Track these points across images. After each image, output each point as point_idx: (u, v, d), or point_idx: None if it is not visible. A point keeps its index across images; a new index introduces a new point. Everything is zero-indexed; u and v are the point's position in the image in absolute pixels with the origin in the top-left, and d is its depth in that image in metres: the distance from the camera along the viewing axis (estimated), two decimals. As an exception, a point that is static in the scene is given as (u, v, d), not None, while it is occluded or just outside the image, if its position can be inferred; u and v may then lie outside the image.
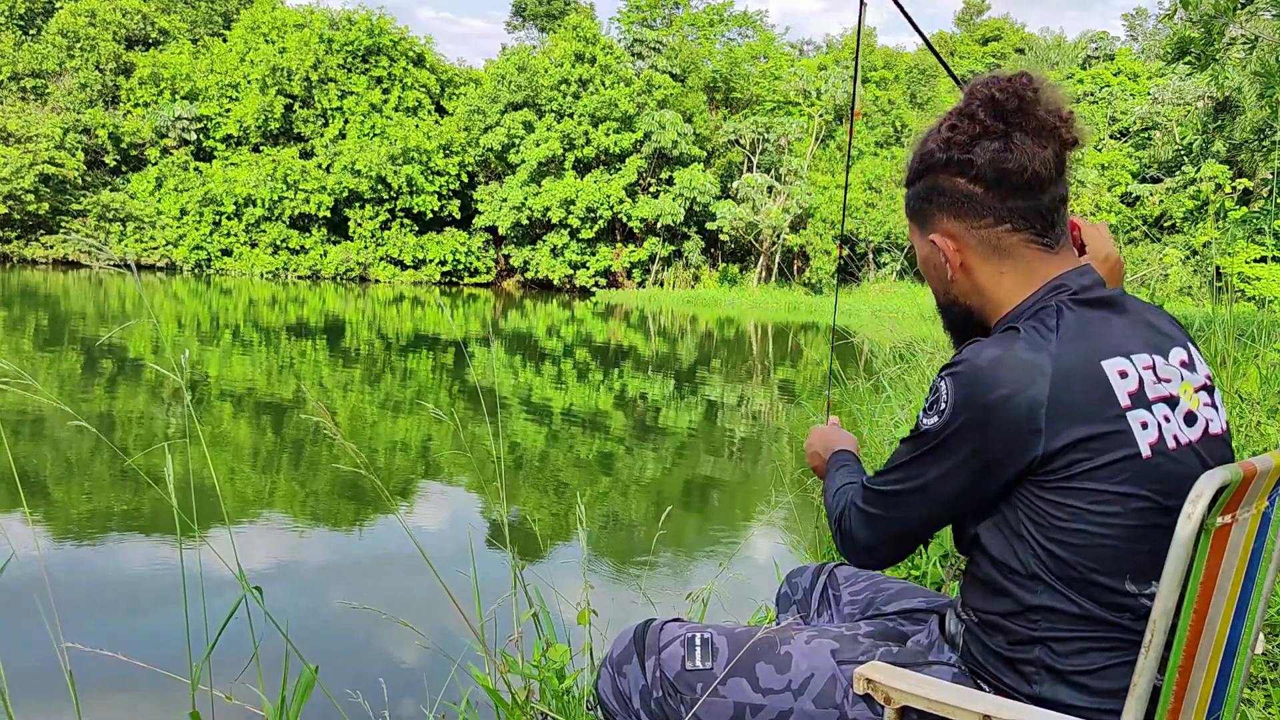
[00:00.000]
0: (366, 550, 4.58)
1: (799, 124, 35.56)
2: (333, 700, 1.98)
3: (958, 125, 1.22)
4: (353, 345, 14.31)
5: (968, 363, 1.14)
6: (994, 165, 1.19)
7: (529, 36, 50.88)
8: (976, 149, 1.20)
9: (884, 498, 1.25)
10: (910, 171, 1.31)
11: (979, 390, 1.12)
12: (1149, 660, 1.05)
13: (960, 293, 1.28)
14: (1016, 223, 1.22)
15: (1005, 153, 1.19)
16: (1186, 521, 1.02)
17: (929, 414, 1.18)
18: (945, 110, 1.30)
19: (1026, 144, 1.18)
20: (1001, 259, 1.23)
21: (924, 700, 1.15)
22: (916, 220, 1.31)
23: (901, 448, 1.24)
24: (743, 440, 8.14)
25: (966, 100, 1.23)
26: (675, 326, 22.81)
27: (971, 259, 1.25)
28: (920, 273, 1.37)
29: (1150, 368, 1.16)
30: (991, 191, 1.21)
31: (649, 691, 1.33)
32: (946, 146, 1.23)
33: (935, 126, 1.27)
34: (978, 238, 1.24)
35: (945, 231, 1.26)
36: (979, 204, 1.22)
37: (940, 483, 1.18)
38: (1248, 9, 10.24)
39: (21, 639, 3.21)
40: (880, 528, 1.26)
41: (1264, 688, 2.39)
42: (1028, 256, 1.23)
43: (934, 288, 1.33)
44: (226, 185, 33.91)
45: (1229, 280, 10.68)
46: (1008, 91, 1.19)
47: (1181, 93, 29.15)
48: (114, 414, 7.35)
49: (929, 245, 1.29)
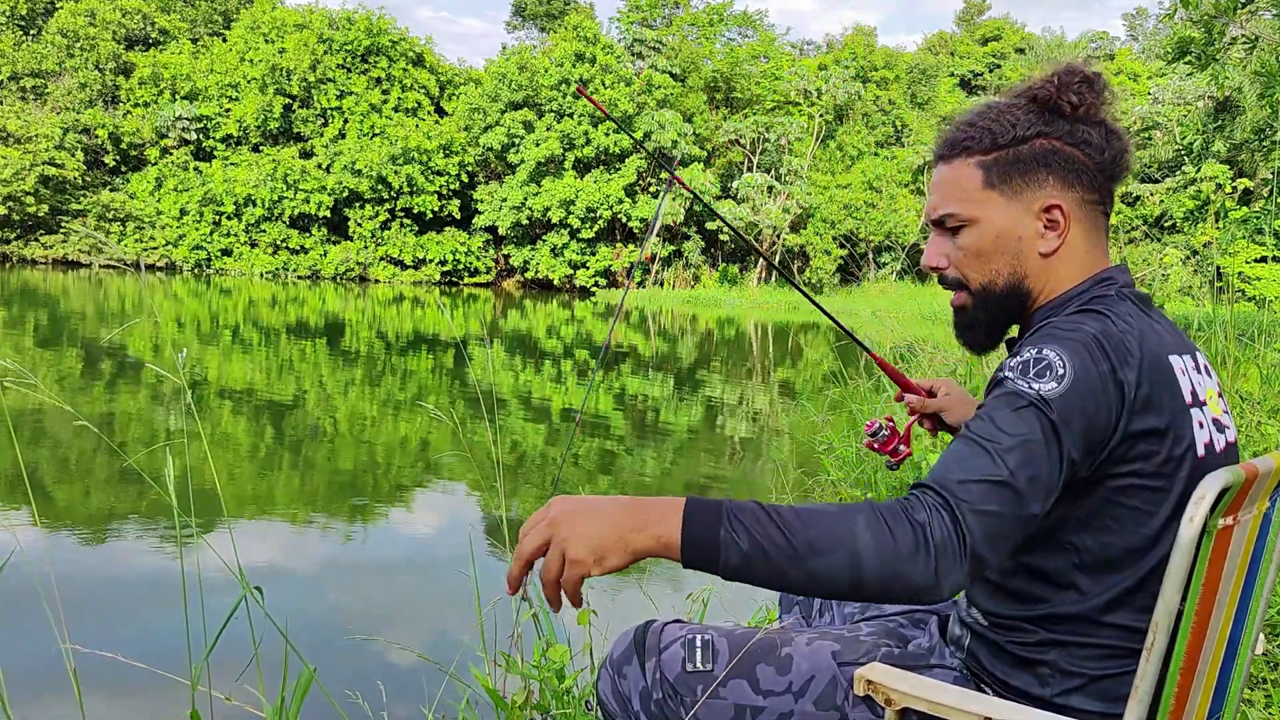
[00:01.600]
0: (366, 550, 4.58)
1: (799, 124, 35.56)
2: (332, 700, 1.98)
3: (1078, 99, 1.17)
4: (353, 345, 14.31)
5: (1078, 331, 1.07)
6: (1108, 140, 1.19)
7: (529, 36, 50.91)
8: (1098, 125, 1.19)
9: (1005, 487, 0.97)
10: (1005, 133, 1.19)
11: (1094, 359, 1.05)
12: (1151, 661, 1.05)
13: (1037, 271, 1.20)
14: (1108, 205, 1.22)
15: (1112, 135, 1.19)
16: (1189, 524, 1.01)
17: (1038, 380, 1.03)
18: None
19: (1121, 130, 1.20)
20: (1090, 237, 1.21)
21: (925, 702, 1.14)
22: (1009, 186, 1.19)
23: (1006, 420, 1.01)
24: (743, 440, 8.13)
25: (1063, 82, 1.18)
26: (675, 326, 22.81)
27: (1076, 233, 1.19)
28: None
29: (1185, 371, 1.14)
30: (1100, 170, 1.19)
31: (649, 693, 1.33)
32: (1073, 113, 1.18)
33: (1029, 95, 1.20)
34: (1083, 212, 1.20)
35: (1058, 200, 1.18)
36: (1092, 177, 1.19)
37: (1057, 460, 1.01)
38: (1248, 9, 10.24)
39: (20, 639, 3.21)
40: (1002, 525, 0.97)
41: (1264, 688, 2.39)
42: (1100, 243, 1.22)
43: (996, 269, 1.21)
44: (226, 185, 33.91)
45: (1229, 280, 10.68)
46: (1100, 80, 1.19)
47: (1181, 93, 29.14)
48: (114, 413, 7.35)
49: (1029, 213, 1.19)
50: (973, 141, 1.20)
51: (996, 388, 1.07)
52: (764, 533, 0.93)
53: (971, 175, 1.20)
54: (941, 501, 0.96)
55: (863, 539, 0.93)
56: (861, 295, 32.64)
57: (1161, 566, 1.07)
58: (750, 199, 33.95)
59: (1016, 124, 1.19)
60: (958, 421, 1.59)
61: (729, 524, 0.93)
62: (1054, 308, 1.20)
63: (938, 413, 1.61)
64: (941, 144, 1.25)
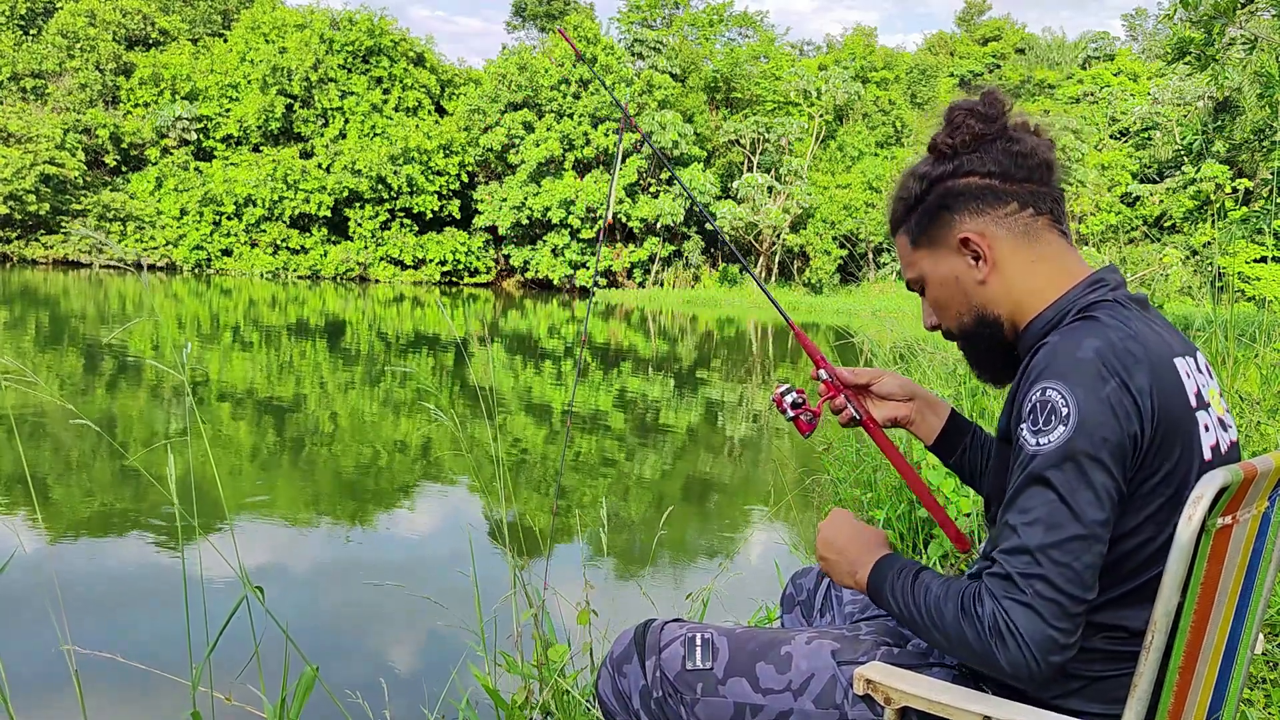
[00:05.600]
0: (366, 550, 4.58)
1: (799, 124, 35.56)
2: (334, 699, 1.98)
3: (953, 135, 1.22)
4: (353, 345, 14.31)
5: (1069, 359, 1.06)
6: (1006, 153, 1.20)
7: (529, 36, 50.90)
8: (981, 147, 1.21)
9: (1058, 562, 1.01)
10: (909, 198, 1.27)
11: (1096, 384, 1.03)
12: (1150, 660, 1.05)
13: (990, 300, 1.23)
14: (1039, 206, 1.21)
15: (1011, 143, 1.21)
16: (1187, 523, 1.02)
17: (1047, 430, 1.04)
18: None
19: (1023, 134, 1.21)
20: (1032, 245, 1.21)
21: (924, 701, 1.15)
22: (928, 239, 1.26)
23: (1031, 496, 1.05)
24: (743, 440, 8.14)
25: (950, 118, 1.23)
26: (675, 326, 22.81)
27: (1003, 250, 1.21)
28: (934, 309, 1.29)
29: (1189, 373, 1.14)
30: (1008, 180, 1.20)
31: (649, 691, 1.33)
32: (951, 153, 1.23)
33: (920, 158, 1.27)
34: (1006, 226, 1.21)
35: (970, 230, 1.21)
36: (1000, 193, 1.21)
37: (1096, 505, 1.03)
38: (1248, 9, 10.24)
39: (22, 639, 3.21)
40: (1068, 600, 1.01)
41: (1264, 688, 2.39)
42: (1056, 244, 1.21)
43: (957, 311, 1.26)
44: (226, 185, 33.91)
45: (1229, 280, 10.67)
46: (986, 103, 1.23)
47: (1181, 93, 29.14)
48: (114, 413, 7.35)
49: (952, 252, 1.24)
50: (896, 216, 1.32)
51: (1018, 455, 1.08)
52: (904, 603, 1.18)
53: (904, 243, 1.31)
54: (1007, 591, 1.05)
55: (952, 629, 1.10)
56: (861, 295, 32.64)
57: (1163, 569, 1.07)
58: (750, 199, 33.95)
59: (911, 186, 1.27)
60: (927, 433, 1.53)
61: (889, 589, 1.21)
62: (1047, 320, 1.19)
63: (894, 419, 1.52)
64: (888, 223, 1.36)
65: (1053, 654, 1.02)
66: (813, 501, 5.36)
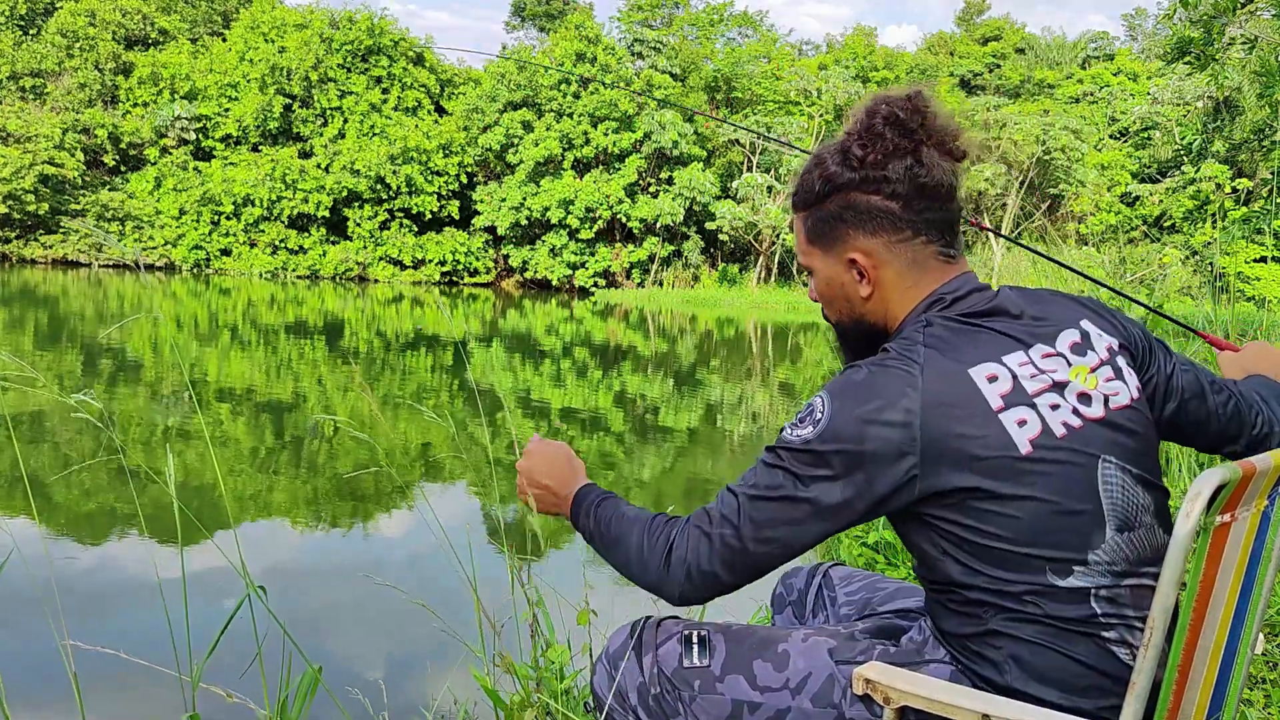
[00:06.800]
0: (364, 550, 4.58)
1: (799, 124, 35.56)
2: (335, 700, 1.98)
3: (867, 145, 1.23)
4: (352, 345, 14.31)
5: (841, 379, 1.17)
6: (910, 180, 1.21)
7: (528, 37, 50.90)
8: (890, 166, 1.22)
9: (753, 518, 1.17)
10: (809, 193, 1.30)
11: (852, 403, 1.13)
12: (1148, 659, 1.05)
13: (869, 312, 1.29)
14: (931, 234, 1.24)
15: (919, 167, 1.21)
16: (1185, 520, 1.01)
17: (800, 426, 1.16)
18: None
19: (934, 158, 1.22)
20: (915, 272, 1.25)
21: (924, 700, 1.15)
22: (822, 242, 1.30)
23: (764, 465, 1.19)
24: (743, 440, 8.14)
25: (867, 120, 1.24)
26: (675, 326, 22.80)
27: (887, 274, 1.26)
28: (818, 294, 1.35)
29: (1027, 363, 1.17)
30: (908, 206, 1.23)
31: (646, 688, 1.33)
32: (860, 165, 1.23)
33: (834, 147, 1.28)
34: (895, 252, 1.25)
35: (861, 249, 1.26)
36: (897, 219, 1.23)
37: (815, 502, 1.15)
38: (1247, 9, 10.24)
39: (20, 638, 3.21)
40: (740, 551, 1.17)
41: (1264, 688, 2.39)
42: (934, 268, 1.25)
43: (838, 308, 1.33)
44: (225, 185, 33.89)
45: (1229, 280, 10.68)
46: (909, 109, 1.23)
47: (1181, 93, 29.14)
48: (114, 412, 7.35)
49: (840, 265, 1.28)
50: (796, 198, 1.33)
51: None
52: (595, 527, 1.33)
53: (800, 230, 1.34)
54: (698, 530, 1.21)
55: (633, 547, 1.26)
56: (861, 295, 32.59)
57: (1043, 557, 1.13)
58: (750, 199, 33.95)
59: (815, 183, 1.28)
60: None
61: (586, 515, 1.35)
62: (896, 335, 1.25)
63: None
64: (788, 197, 1.40)
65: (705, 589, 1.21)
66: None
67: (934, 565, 1.19)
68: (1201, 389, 1.37)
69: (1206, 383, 1.38)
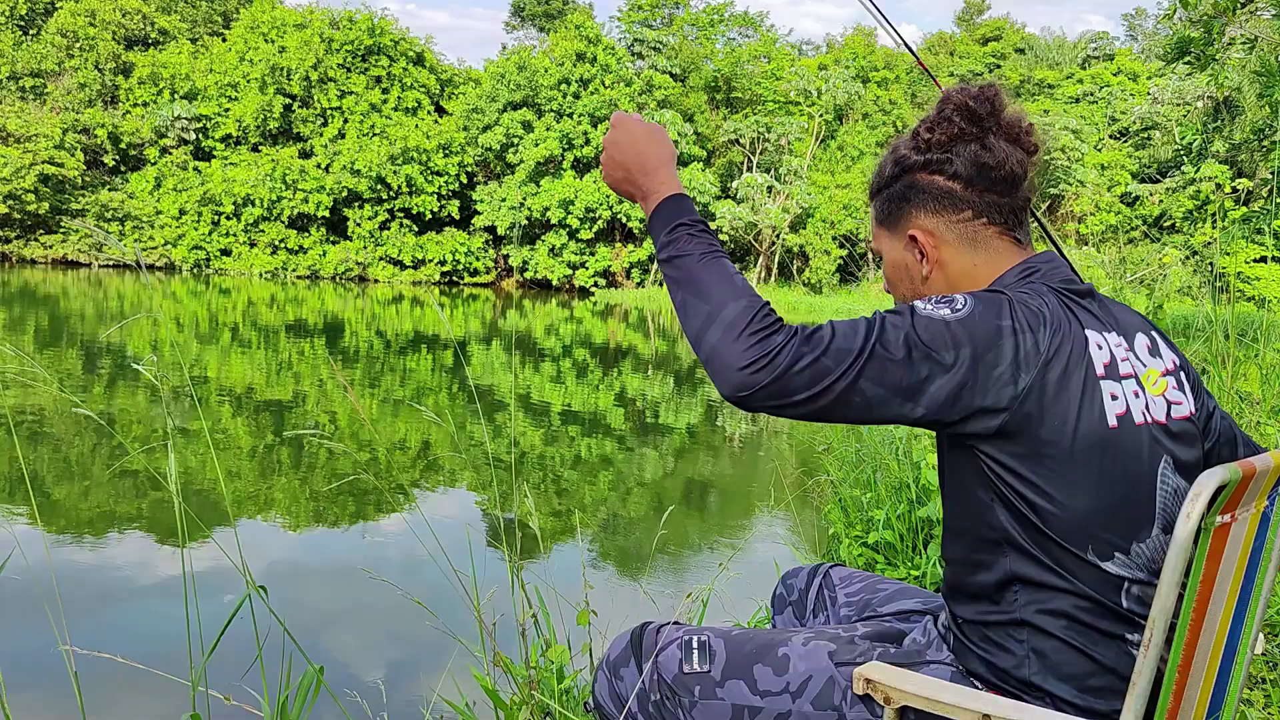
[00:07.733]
0: (364, 550, 4.58)
1: (799, 124, 35.56)
2: (336, 700, 1.98)
3: (935, 128, 1.27)
4: (352, 345, 14.31)
5: (984, 292, 1.16)
6: (973, 161, 1.25)
7: (528, 37, 50.90)
8: (955, 149, 1.26)
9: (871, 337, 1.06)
10: (882, 177, 1.34)
11: (995, 311, 1.12)
12: (1148, 659, 1.04)
13: (927, 291, 1.30)
14: (993, 217, 1.27)
15: (983, 151, 1.25)
16: (1185, 520, 1.01)
17: (939, 306, 1.11)
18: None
19: (1000, 145, 1.26)
20: (976, 251, 1.27)
21: (924, 700, 1.14)
22: (889, 223, 1.33)
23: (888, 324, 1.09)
24: (743, 440, 8.14)
25: (940, 108, 1.29)
26: (674, 326, 22.80)
27: (947, 253, 1.28)
28: (888, 281, 1.38)
29: (1121, 344, 1.20)
30: (969, 187, 1.26)
31: (646, 694, 1.33)
32: (926, 148, 1.28)
33: (908, 134, 1.33)
34: (955, 231, 1.27)
35: (922, 228, 1.29)
36: (957, 199, 1.26)
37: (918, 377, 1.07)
38: (1247, 9, 10.24)
39: (20, 639, 3.20)
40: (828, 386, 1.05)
41: (1264, 688, 2.39)
42: (1001, 249, 1.27)
43: (903, 291, 1.34)
44: (225, 185, 33.89)
45: (1229, 280, 10.68)
46: (980, 99, 1.27)
47: (1181, 93, 29.15)
48: (114, 412, 7.35)
49: (903, 243, 1.31)
50: (872, 186, 1.38)
51: None
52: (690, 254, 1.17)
53: (872, 214, 1.38)
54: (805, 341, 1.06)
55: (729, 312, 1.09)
56: (861, 295, 32.65)
57: (1088, 531, 1.12)
58: (750, 199, 33.95)
59: (886, 166, 1.34)
60: None
61: (681, 229, 1.20)
62: None
63: None
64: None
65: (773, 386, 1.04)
66: (812, 502, 5.36)
67: (975, 515, 1.17)
68: (1234, 438, 1.38)
69: (1240, 436, 1.39)
